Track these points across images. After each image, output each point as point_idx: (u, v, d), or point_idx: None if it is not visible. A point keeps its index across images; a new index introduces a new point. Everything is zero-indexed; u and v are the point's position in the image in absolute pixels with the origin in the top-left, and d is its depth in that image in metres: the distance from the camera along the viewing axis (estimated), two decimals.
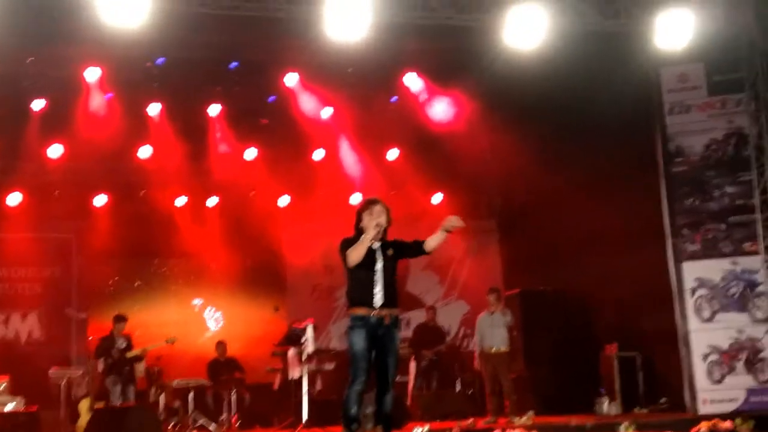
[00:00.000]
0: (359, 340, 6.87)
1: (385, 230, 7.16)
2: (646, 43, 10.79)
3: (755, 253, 11.23)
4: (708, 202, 11.50)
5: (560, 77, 11.61)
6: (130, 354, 12.57)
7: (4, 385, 12.67)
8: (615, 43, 11.03)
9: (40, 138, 13.74)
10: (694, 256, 11.47)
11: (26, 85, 12.85)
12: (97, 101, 13.13)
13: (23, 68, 12.49)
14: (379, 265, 6.99)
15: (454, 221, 7.05)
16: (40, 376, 13.47)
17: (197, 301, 16.09)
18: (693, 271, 11.44)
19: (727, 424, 6.53)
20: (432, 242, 7.11)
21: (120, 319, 12.83)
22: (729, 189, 11.45)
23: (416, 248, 7.17)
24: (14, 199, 14.69)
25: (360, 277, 6.99)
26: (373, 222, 6.97)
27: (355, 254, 6.90)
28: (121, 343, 12.62)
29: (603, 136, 12.52)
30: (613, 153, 12.62)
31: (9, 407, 12.00)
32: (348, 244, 7.00)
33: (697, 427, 6.56)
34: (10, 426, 11.32)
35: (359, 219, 7.13)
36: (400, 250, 7.16)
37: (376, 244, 7.05)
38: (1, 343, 14.69)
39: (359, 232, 7.05)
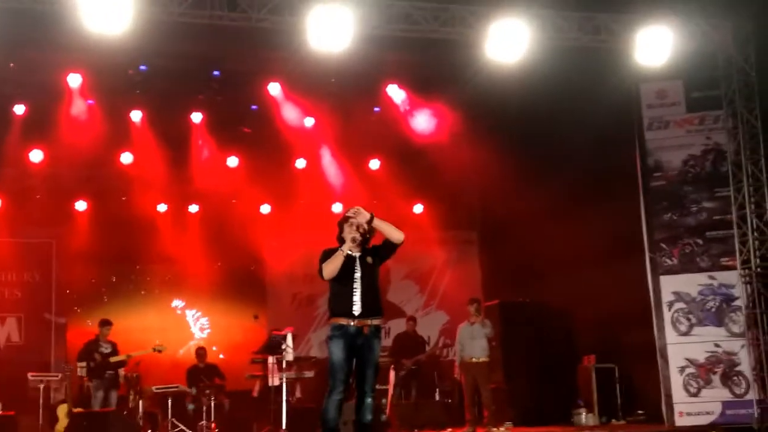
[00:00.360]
0: (338, 350, 6.88)
1: (368, 239, 7.17)
2: (626, 59, 10.92)
3: (732, 267, 11.35)
4: (686, 217, 11.62)
5: (541, 92, 11.70)
6: (113, 359, 12.52)
7: None
8: (595, 58, 11.15)
9: (21, 143, 13.71)
10: (671, 270, 11.58)
11: (7, 90, 12.82)
12: (79, 107, 13.11)
13: (5, 73, 12.45)
14: (358, 275, 6.99)
15: (356, 215, 6.98)
16: (19, 381, 13.43)
17: (178, 303, 16.06)
18: (670, 285, 11.54)
19: None
20: (389, 238, 7.06)
21: (105, 323, 12.80)
22: (707, 204, 11.57)
23: (386, 245, 7.15)
24: None
25: (340, 287, 7.00)
26: (350, 235, 7.00)
27: (330, 268, 6.93)
28: (106, 348, 12.58)
29: (583, 150, 12.63)
30: (593, 167, 12.74)
31: None
32: (327, 255, 7.02)
33: None
34: None
35: (340, 230, 7.16)
36: (378, 254, 7.18)
37: (356, 253, 7.08)
38: None
39: (341, 242, 7.09)
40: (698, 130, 11.70)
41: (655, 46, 10.60)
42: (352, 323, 6.89)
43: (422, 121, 14.16)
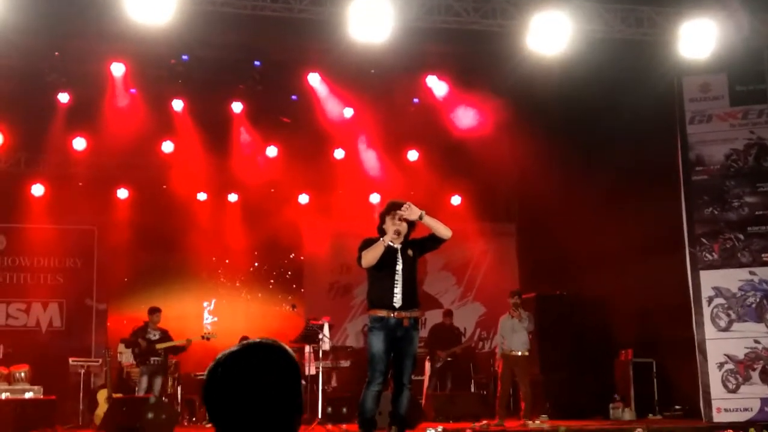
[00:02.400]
0: (378, 342, 6.92)
1: (409, 231, 7.20)
2: (669, 52, 10.80)
3: None
4: (727, 212, 11.49)
5: (582, 84, 11.64)
6: (160, 346, 12.61)
7: (23, 373, 12.82)
8: (638, 51, 11.04)
9: (64, 131, 13.92)
10: (712, 266, 11.46)
11: (52, 78, 12.99)
12: (122, 96, 13.26)
13: (50, 62, 12.65)
14: (399, 267, 7.03)
15: (405, 212, 6.99)
16: (60, 366, 13.65)
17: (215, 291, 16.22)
18: (710, 280, 11.41)
19: None
20: (437, 233, 7.10)
21: (154, 310, 12.88)
22: (748, 199, 11.43)
23: (432, 239, 7.19)
24: (38, 190, 14.88)
25: (380, 279, 7.04)
26: (393, 227, 7.02)
27: (369, 256, 6.96)
28: (154, 335, 12.66)
29: (624, 143, 12.55)
30: (634, 160, 12.64)
31: (28, 395, 12.14)
32: (368, 244, 7.06)
33: None
34: (29, 413, 11.45)
35: (382, 221, 7.18)
36: (421, 247, 7.21)
37: (398, 245, 7.10)
38: (22, 331, 14.85)
39: (381, 233, 7.11)
40: (741, 124, 11.54)
41: (699, 39, 10.47)
42: (392, 315, 6.92)
43: (462, 114, 14.15)
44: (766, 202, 11.31)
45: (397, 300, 6.94)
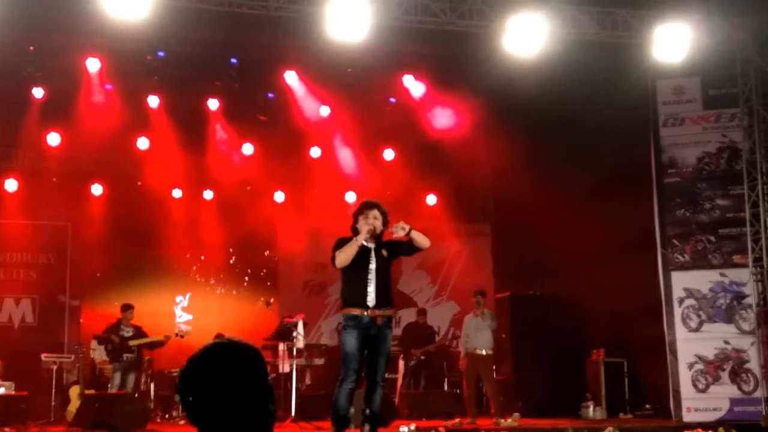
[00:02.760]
0: (351, 340, 6.95)
1: (382, 232, 7.23)
2: (643, 55, 10.90)
3: (744, 265, 11.33)
4: (699, 214, 11.61)
5: (558, 86, 11.71)
6: (134, 342, 12.57)
7: None
8: (613, 54, 11.14)
9: (39, 126, 13.83)
10: (683, 267, 11.58)
11: (27, 73, 12.90)
12: (97, 92, 13.20)
13: (25, 56, 12.57)
14: (373, 266, 7.06)
15: (398, 230, 7.05)
16: (32, 362, 13.57)
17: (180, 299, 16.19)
18: (682, 281, 11.54)
19: None
20: (418, 245, 7.16)
21: (126, 307, 12.85)
22: (720, 202, 11.56)
23: (410, 246, 7.24)
24: (11, 185, 14.77)
25: (354, 278, 7.06)
26: (366, 227, 7.05)
27: (343, 257, 6.99)
28: (127, 332, 12.63)
29: (598, 145, 12.65)
30: (608, 162, 12.73)
31: (0, 391, 12.06)
32: (341, 244, 7.08)
33: None
34: (1, 409, 11.39)
35: (355, 221, 7.21)
36: (395, 250, 7.24)
37: (371, 245, 7.12)
38: None
39: (355, 233, 7.14)
40: (714, 127, 11.67)
41: (673, 43, 10.58)
42: (365, 314, 6.95)
43: (438, 114, 14.20)
44: (738, 205, 11.43)
45: (371, 299, 6.96)
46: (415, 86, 13.76)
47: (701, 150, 11.68)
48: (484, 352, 11.66)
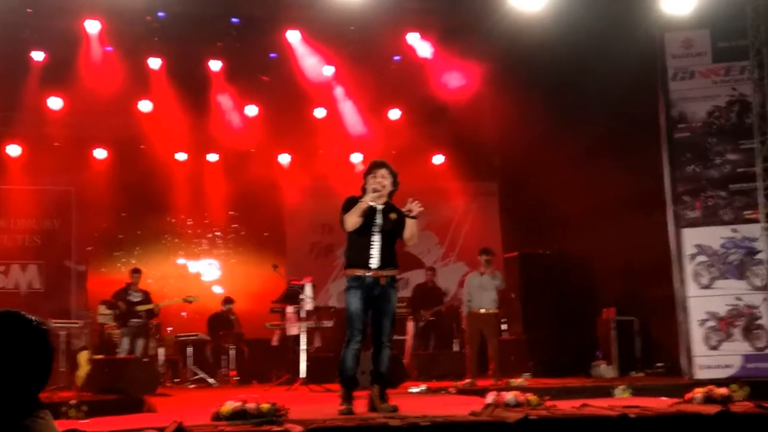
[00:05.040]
0: (355, 301, 6.90)
1: (391, 193, 7.14)
2: (651, 7, 10.71)
3: (755, 220, 11.18)
4: (709, 169, 11.45)
5: (564, 41, 11.51)
6: (141, 308, 12.59)
7: None
8: (620, 6, 10.96)
9: (39, 90, 13.68)
10: (694, 223, 11.44)
11: (26, 36, 12.73)
12: (97, 54, 13.03)
13: (23, 19, 12.37)
14: (378, 227, 6.99)
15: (413, 206, 6.93)
16: None
17: (196, 252, 16.14)
18: (693, 237, 11.41)
19: (722, 390, 6.56)
20: (406, 233, 7.04)
21: (134, 271, 12.90)
22: (731, 156, 11.39)
23: (401, 232, 7.11)
24: (14, 150, 14.68)
25: (359, 238, 6.99)
26: (371, 186, 6.95)
27: (352, 220, 6.91)
28: (135, 297, 12.64)
29: (606, 100, 12.45)
30: (616, 117, 12.57)
31: None
32: (349, 204, 6.99)
33: (692, 392, 6.58)
34: None
35: (365, 181, 7.11)
36: (399, 222, 7.09)
37: (379, 206, 7.04)
38: (1, 294, 14.72)
39: (364, 193, 7.04)
40: (724, 80, 11.47)
41: None
42: (368, 274, 6.89)
43: (443, 73, 14.01)
44: (748, 159, 11.25)
45: (374, 261, 6.90)
46: (419, 44, 13.54)
47: (711, 104, 11.49)
48: (491, 311, 11.53)
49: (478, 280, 11.65)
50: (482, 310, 11.48)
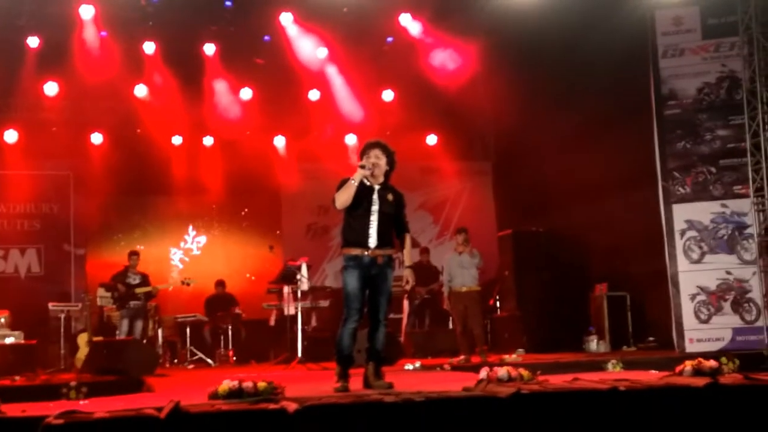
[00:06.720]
0: (352, 280, 6.96)
1: (388, 173, 7.18)
2: None
3: (745, 196, 11.31)
4: (699, 145, 11.58)
5: (555, 20, 11.60)
6: (139, 290, 12.71)
7: (3, 319, 12.85)
8: None
9: (35, 76, 13.74)
10: (684, 199, 11.58)
11: (21, 22, 12.78)
12: (92, 39, 13.09)
13: (18, 5, 12.42)
14: (375, 207, 7.01)
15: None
16: (40, 311, 13.71)
17: (193, 234, 16.24)
18: (683, 213, 11.55)
19: (711, 362, 6.68)
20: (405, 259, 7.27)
21: (132, 254, 13.04)
22: (720, 132, 11.51)
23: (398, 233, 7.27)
24: (11, 136, 14.75)
25: (356, 218, 7.02)
26: (360, 163, 6.99)
27: (342, 198, 6.95)
28: (134, 279, 12.77)
29: (597, 78, 12.57)
30: (607, 95, 12.67)
31: (9, 341, 12.19)
32: (343, 184, 7.02)
33: (682, 365, 6.71)
34: (11, 359, 11.49)
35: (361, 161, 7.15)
36: (399, 202, 7.18)
37: (376, 186, 7.08)
38: (0, 278, 14.85)
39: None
40: (713, 57, 11.57)
41: None
42: (366, 253, 6.96)
43: (436, 53, 14.08)
44: (738, 135, 11.38)
45: (372, 240, 6.95)
46: (412, 25, 13.61)
47: (701, 80, 11.60)
48: (472, 288, 11.46)
49: (458, 259, 11.56)
50: (464, 288, 11.41)
